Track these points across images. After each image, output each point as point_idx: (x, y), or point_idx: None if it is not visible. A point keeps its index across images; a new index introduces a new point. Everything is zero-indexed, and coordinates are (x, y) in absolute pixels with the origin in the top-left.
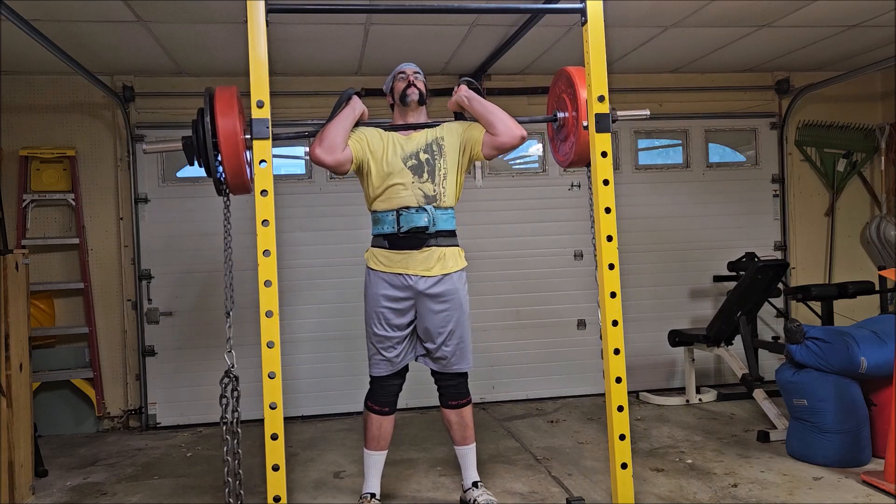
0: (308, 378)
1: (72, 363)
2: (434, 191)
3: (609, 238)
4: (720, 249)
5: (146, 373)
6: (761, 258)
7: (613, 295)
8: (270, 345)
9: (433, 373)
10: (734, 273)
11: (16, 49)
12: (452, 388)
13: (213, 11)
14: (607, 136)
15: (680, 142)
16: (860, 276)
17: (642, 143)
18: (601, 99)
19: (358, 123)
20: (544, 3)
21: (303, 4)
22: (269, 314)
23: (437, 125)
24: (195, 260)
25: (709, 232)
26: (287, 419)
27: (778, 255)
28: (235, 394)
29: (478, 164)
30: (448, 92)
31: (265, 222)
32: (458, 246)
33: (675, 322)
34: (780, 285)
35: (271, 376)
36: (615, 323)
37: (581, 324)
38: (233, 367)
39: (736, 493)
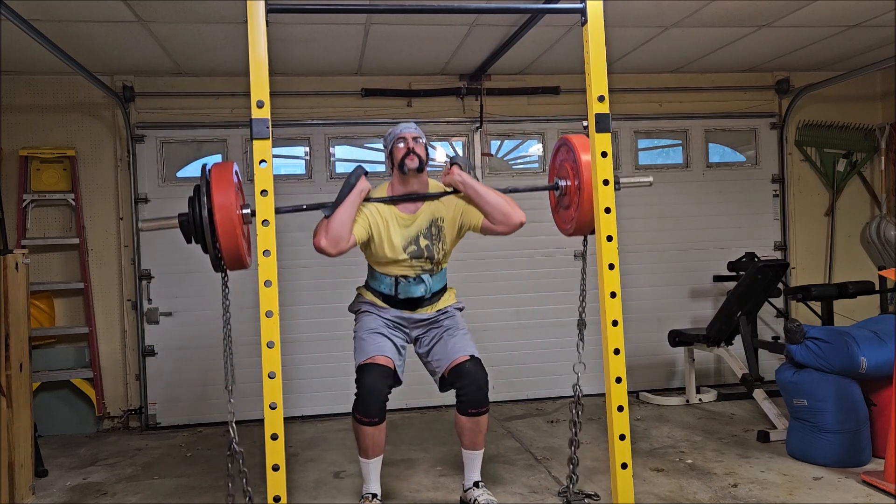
0: (308, 378)
1: (72, 363)
2: (431, 266)
3: (609, 238)
4: (720, 249)
5: (146, 373)
6: (761, 258)
7: (613, 295)
8: (270, 345)
9: (452, 379)
10: (734, 273)
11: (16, 49)
12: (474, 393)
13: (213, 11)
14: (607, 136)
15: (680, 142)
16: (860, 276)
17: (642, 143)
18: (601, 99)
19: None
20: (544, 3)
21: (303, 4)
22: (269, 314)
23: (438, 197)
24: (195, 260)
25: (709, 232)
26: (287, 419)
27: (778, 255)
28: (243, 474)
29: (478, 163)
30: (448, 92)
31: (265, 222)
32: (448, 290)
33: (675, 322)
34: (780, 285)
35: (271, 376)
36: (615, 323)
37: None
38: (235, 441)
39: (736, 493)
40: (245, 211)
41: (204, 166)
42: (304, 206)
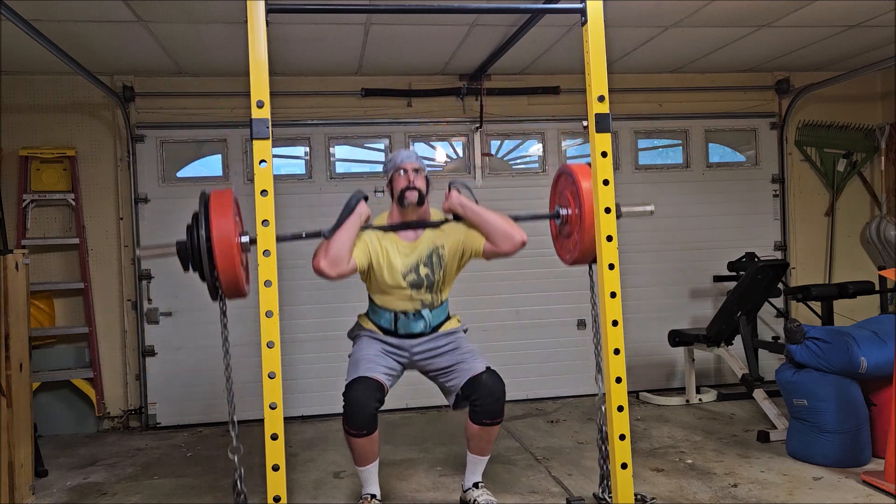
0: (308, 378)
1: (72, 363)
2: (431, 298)
3: (609, 238)
4: (720, 249)
5: (146, 373)
6: (761, 258)
7: (613, 295)
8: (270, 345)
9: (468, 392)
10: (734, 273)
11: (16, 49)
12: (491, 405)
13: (213, 11)
14: (607, 136)
15: (680, 142)
16: (860, 276)
17: (642, 143)
18: (601, 99)
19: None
20: (544, 3)
21: (303, 4)
22: (269, 314)
23: (438, 225)
24: None
25: (709, 232)
26: (287, 419)
27: (778, 255)
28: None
29: (477, 163)
30: (448, 92)
31: (265, 222)
32: (451, 317)
33: (675, 322)
34: (780, 285)
35: (271, 376)
36: (615, 323)
37: (581, 324)
38: (240, 479)
39: (736, 493)
40: (244, 239)
41: (203, 193)
42: (304, 234)
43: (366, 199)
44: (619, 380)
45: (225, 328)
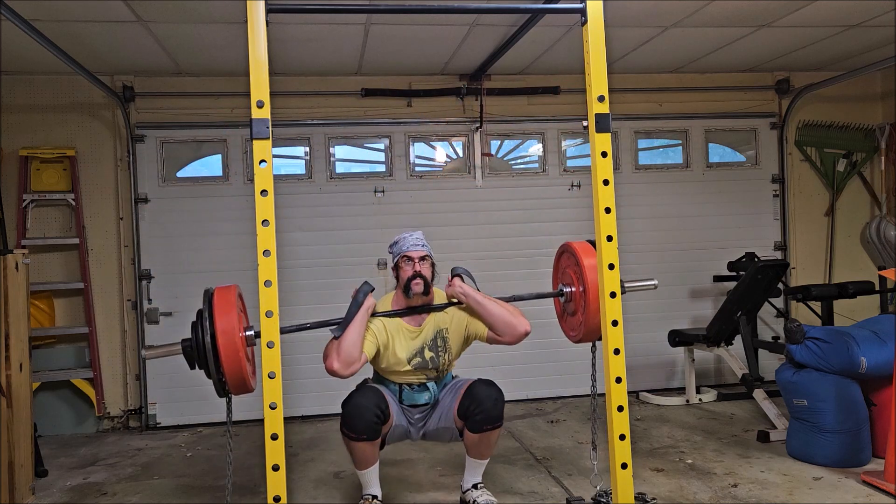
0: (308, 378)
1: (72, 363)
2: (436, 373)
3: (609, 238)
4: (720, 249)
5: (146, 373)
6: (761, 258)
7: (613, 295)
8: (270, 345)
9: (466, 405)
10: (734, 273)
11: (16, 49)
12: (490, 410)
13: (213, 11)
14: (607, 136)
15: (680, 142)
16: (860, 276)
17: (642, 143)
18: (601, 99)
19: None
20: (544, 3)
21: (303, 4)
22: (269, 314)
23: (443, 308)
24: (195, 260)
25: (709, 232)
26: (287, 419)
27: (778, 255)
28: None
29: (477, 163)
30: (448, 92)
31: (265, 222)
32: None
33: (675, 322)
34: (780, 285)
35: (271, 376)
36: (615, 323)
37: None
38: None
39: (736, 493)
40: (248, 333)
41: (206, 291)
42: (308, 325)
43: (372, 290)
44: (619, 380)
45: (231, 424)
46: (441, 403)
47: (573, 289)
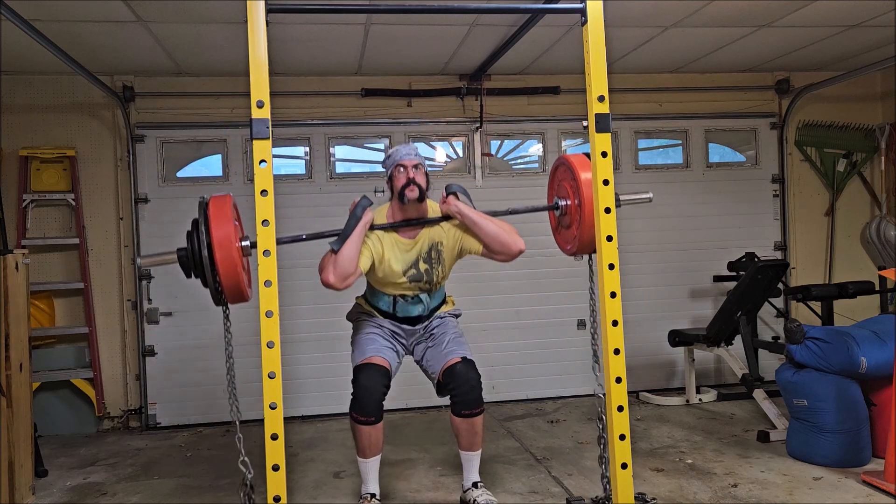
0: (308, 378)
1: (72, 363)
2: (429, 286)
3: (609, 238)
4: (720, 249)
5: (146, 373)
6: (761, 258)
7: (613, 295)
8: (270, 345)
9: (446, 381)
10: (734, 273)
11: (16, 49)
12: (466, 394)
13: (213, 11)
14: (607, 136)
15: (680, 142)
16: (860, 276)
17: (642, 143)
18: (601, 99)
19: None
20: (544, 3)
21: (303, 4)
22: (269, 314)
23: (438, 222)
24: None
25: (709, 232)
26: (287, 419)
27: (778, 255)
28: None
29: (477, 163)
30: (448, 92)
31: (265, 222)
32: (447, 299)
33: (675, 322)
34: (780, 285)
35: (271, 376)
36: (615, 323)
37: (581, 324)
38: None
39: (736, 493)
40: (244, 243)
41: (201, 199)
42: (304, 237)
43: (370, 205)
44: (619, 380)
45: (228, 332)
46: (433, 344)
47: (568, 202)
